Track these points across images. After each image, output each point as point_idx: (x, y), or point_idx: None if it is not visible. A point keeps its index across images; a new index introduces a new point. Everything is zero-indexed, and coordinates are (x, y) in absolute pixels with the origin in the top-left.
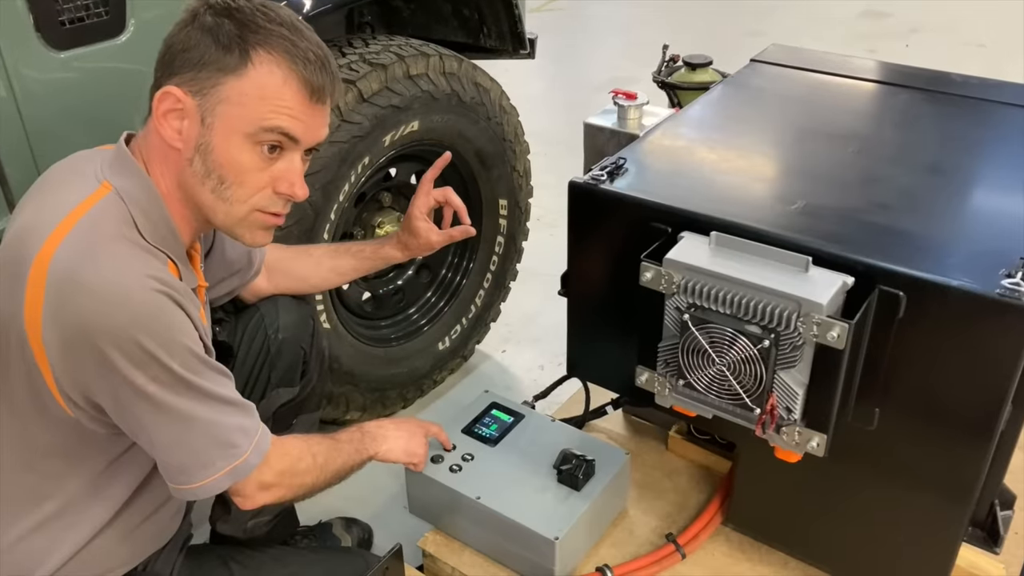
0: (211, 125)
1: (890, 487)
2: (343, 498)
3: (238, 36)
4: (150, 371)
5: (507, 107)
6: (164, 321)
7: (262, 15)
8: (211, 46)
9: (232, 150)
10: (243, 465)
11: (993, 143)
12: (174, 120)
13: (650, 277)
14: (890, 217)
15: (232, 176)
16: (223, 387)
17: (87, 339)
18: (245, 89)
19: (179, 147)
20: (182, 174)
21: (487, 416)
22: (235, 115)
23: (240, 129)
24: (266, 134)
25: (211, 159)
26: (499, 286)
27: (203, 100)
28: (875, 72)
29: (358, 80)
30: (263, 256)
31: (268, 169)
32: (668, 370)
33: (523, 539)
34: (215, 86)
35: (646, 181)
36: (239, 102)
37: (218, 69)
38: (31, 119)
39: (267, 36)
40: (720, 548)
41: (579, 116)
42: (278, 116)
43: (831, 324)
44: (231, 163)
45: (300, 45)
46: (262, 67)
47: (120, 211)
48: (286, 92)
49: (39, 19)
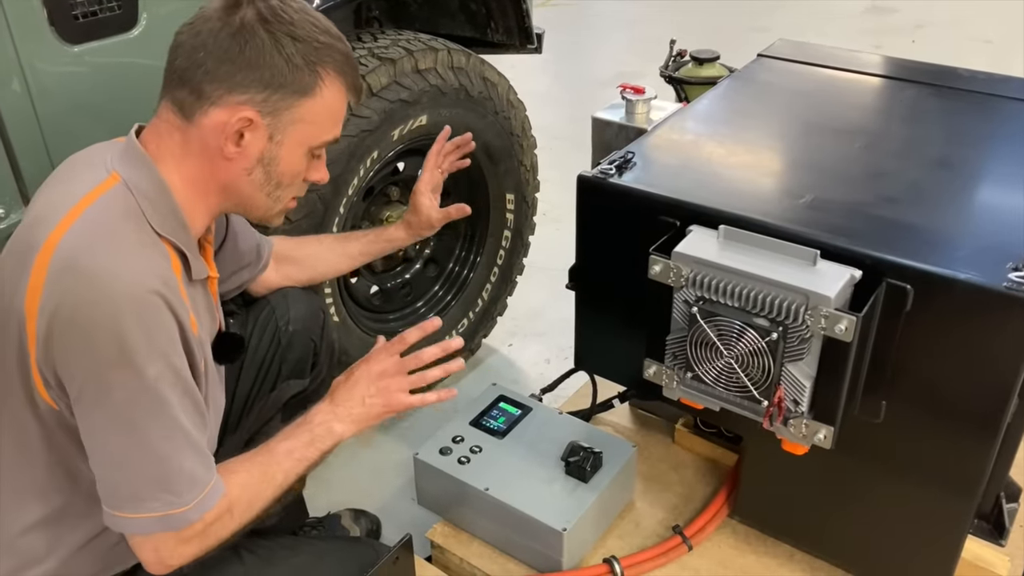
0: (280, 142)
1: (896, 480)
2: (352, 490)
3: (304, 56)
4: (120, 374)
5: (514, 102)
6: (150, 322)
7: (312, 27)
8: (283, 67)
9: (297, 162)
10: (178, 517)
11: (999, 138)
12: (236, 136)
13: (659, 270)
14: (897, 211)
15: (288, 180)
16: (190, 420)
17: (71, 322)
18: (317, 110)
19: (233, 158)
20: (232, 180)
21: (495, 409)
22: (307, 132)
23: (308, 144)
24: (323, 146)
25: (275, 170)
26: (505, 280)
27: (275, 119)
28: (881, 67)
29: (367, 75)
30: (271, 248)
31: (310, 165)
32: (676, 363)
33: (531, 530)
34: (290, 108)
35: (654, 175)
36: (312, 121)
37: (293, 91)
38: (45, 113)
39: (326, 52)
40: (726, 540)
41: (584, 111)
42: (335, 128)
43: (839, 317)
44: (293, 172)
45: (349, 55)
46: (331, 86)
47: (127, 201)
48: (342, 104)
49: (53, 13)
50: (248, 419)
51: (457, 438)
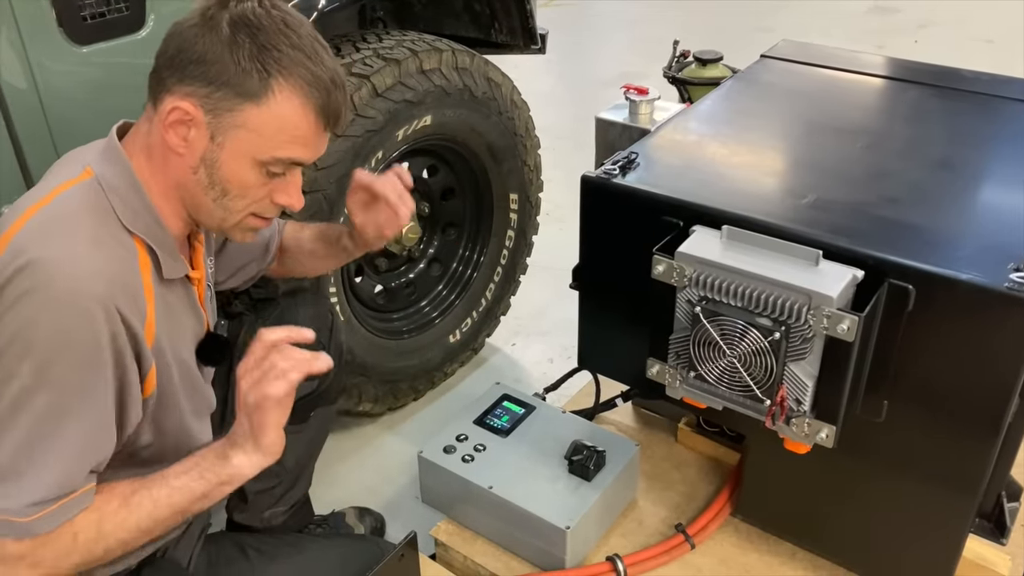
0: (222, 144)
1: (898, 479)
2: (356, 488)
3: (259, 60)
4: (24, 366)
5: (518, 102)
6: (75, 326)
7: (283, 36)
8: (230, 65)
9: (241, 171)
10: (21, 526)
11: (1002, 138)
12: (181, 128)
13: (662, 270)
14: (899, 211)
15: (236, 191)
16: (83, 433)
17: (5, 309)
18: (264, 119)
19: (182, 153)
20: (182, 177)
21: (498, 407)
22: (250, 141)
23: (252, 154)
24: (277, 162)
25: (218, 174)
26: (509, 280)
27: (216, 119)
28: (884, 68)
29: (372, 75)
30: (278, 243)
31: (269, 183)
32: (679, 362)
33: (534, 528)
34: (231, 110)
35: (658, 175)
36: (256, 130)
37: (237, 93)
38: (53, 112)
39: (289, 63)
40: (729, 539)
41: (587, 112)
42: (292, 146)
43: (841, 317)
44: (237, 181)
45: (318, 73)
46: (282, 97)
47: (95, 196)
48: (303, 124)
49: (62, 14)
50: None
51: (461, 436)
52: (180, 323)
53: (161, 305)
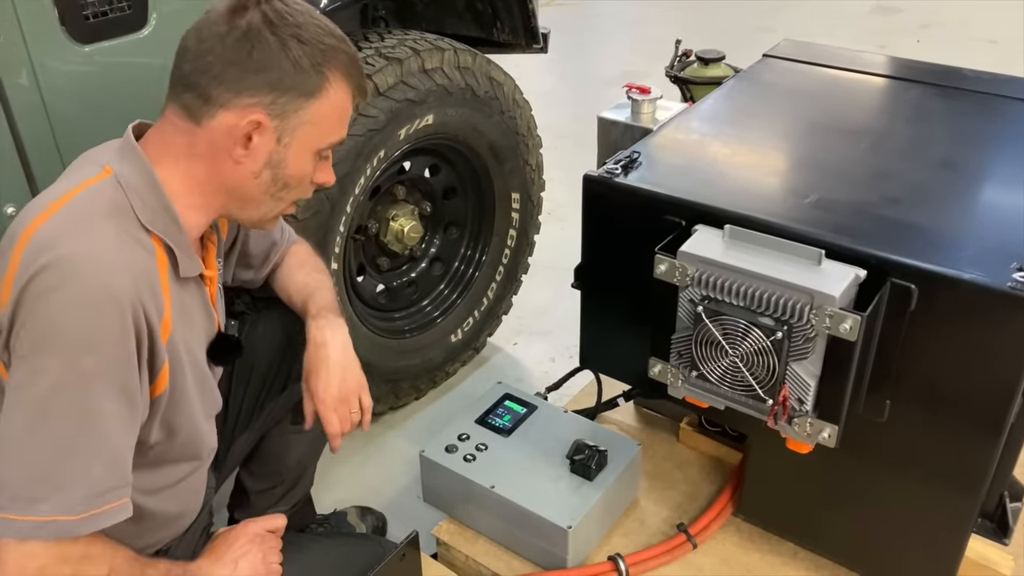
0: (288, 144)
1: (900, 479)
2: (358, 487)
3: (310, 59)
4: (53, 362)
5: (520, 101)
6: (101, 321)
7: (319, 29)
8: (290, 70)
9: (304, 164)
10: (64, 525)
11: (1004, 138)
12: (244, 140)
13: (664, 269)
14: (902, 211)
15: (295, 183)
16: (118, 428)
17: (31, 306)
18: (324, 111)
19: (242, 162)
20: (238, 183)
21: (500, 407)
22: (314, 134)
23: (315, 146)
24: (329, 147)
25: (283, 172)
26: (511, 279)
27: (283, 122)
28: (887, 67)
29: (374, 74)
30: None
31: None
32: (681, 361)
33: (536, 527)
34: (297, 110)
35: (660, 174)
36: (318, 123)
37: (300, 94)
38: (55, 112)
39: (332, 54)
40: (731, 538)
41: (589, 111)
42: (342, 129)
43: (843, 316)
44: (300, 174)
45: (354, 57)
46: (337, 87)
47: (115, 195)
48: (348, 104)
49: (64, 13)
50: (259, 420)
51: (463, 436)
52: (194, 322)
53: (177, 303)
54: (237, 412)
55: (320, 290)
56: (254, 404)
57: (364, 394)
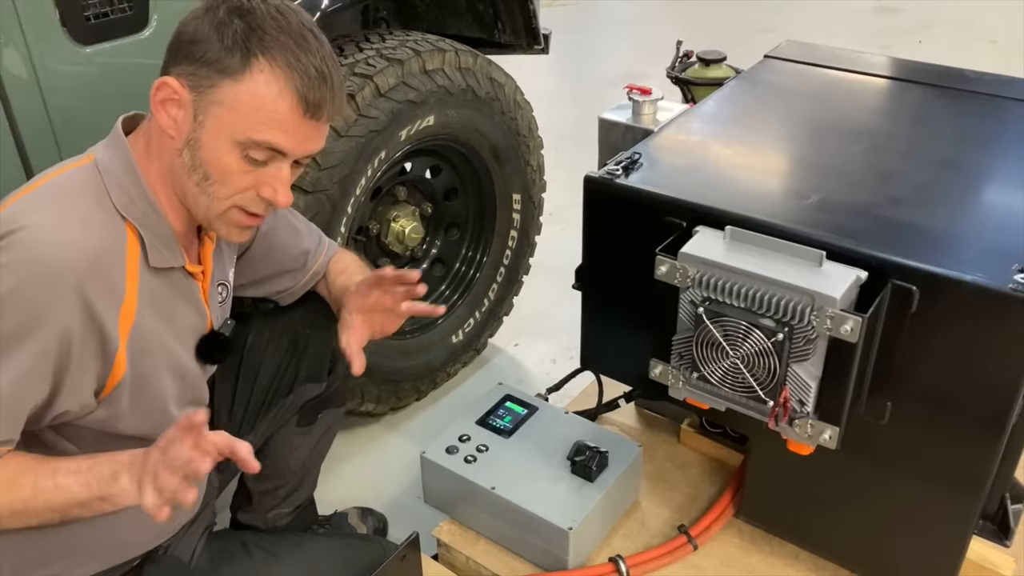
0: (202, 123)
1: (901, 480)
2: (359, 488)
3: (243, 39)
4: None
5: (521, 102)
6: (38, 290)
7: (273, 21)
8: (215, 44)
9: (220, 152)
10: None
11: (1006, 139)
12: (171, 108)
13: (665, 271)
14: (903, 212)
15: (216, 175)
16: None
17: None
18: (240, 96)
19: (173, 135)
20: (171, 162)
21: (501, 408)
22: (227, 119)
23: (229, 134)
24: (254, 145)
25: (199, 155)
26: (512, 280)
27: (198, 96)
28: (888, 68)
29: (375, 75)
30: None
31: (254, 172)
32: (682, 363)
33: (537, 529)
34: (211, 86)
35: (661, 176)
36: (232, 107)
37: (217, 70)
38: (57, 112)
39: (272, 44)
40: (732, 540)
41: (590, 112)
42: (269, 129)
43: (844, 318)
44: (217, 163)
45: (303, 59)
46: (260, 76)
47: (91, 179)
48: (280, 105)
49: (65, 14)
50: (264, 421)
51: (464, 437)
52: (173, 315)
53: (147, 292)
54: (242, 415)
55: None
56: (259, 407)
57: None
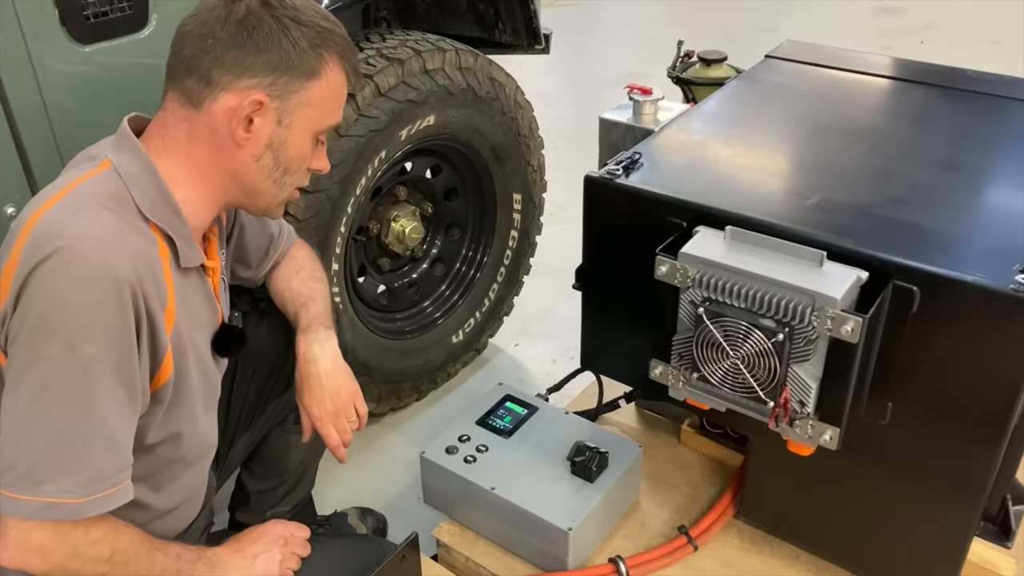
0: (289, 125)
1: (902, 481)
2: (359, 488)
3: (309, 40)
4: (54, 347)
5: (522, 102)
6: (103, 303)
7: (314, 12)
8: (290, 50)
9: (303, 146)
10: (70, 508)
11: (1008, 139)
12: (255, 121)
13: (665, 271)
14: (904, 212)
15: (295, 167)
16: (117, 414)
17: (31, 292)
18: (324, 92)
19: (243, 145)
20: (240, 167)
21: (501, 408)
22: (312, 116)
23: (313, 128)
24: (327, 129)
25: (284, 155)
26: (512, 280)
27: (283, 103)
28: (890, 68)
29: (375, 75)
30: (284, 251)
31: (314, 151)
32: (682, 363)
33: (537, 529)
34: (297, 91)
35: (661, 175)
36: (318, 104)
37: (301, 73)
38: (56, 112)
39: (331, 37)
40: (732, 541)
41: (590, 112)
42: (338, 111)
43: (845, 318)
44: (299, 156)
45: (348, 40)
46: (334, 69)
47: (115, 185)
48: (344, 86)
49: (64, 13)
50: (261, 419)
51: (463, 437)
52: (197, 313)
53: (180, 293)
54: (239, 411)
55: (314, 300)
56: (256, 403)
57: (359, 402)
